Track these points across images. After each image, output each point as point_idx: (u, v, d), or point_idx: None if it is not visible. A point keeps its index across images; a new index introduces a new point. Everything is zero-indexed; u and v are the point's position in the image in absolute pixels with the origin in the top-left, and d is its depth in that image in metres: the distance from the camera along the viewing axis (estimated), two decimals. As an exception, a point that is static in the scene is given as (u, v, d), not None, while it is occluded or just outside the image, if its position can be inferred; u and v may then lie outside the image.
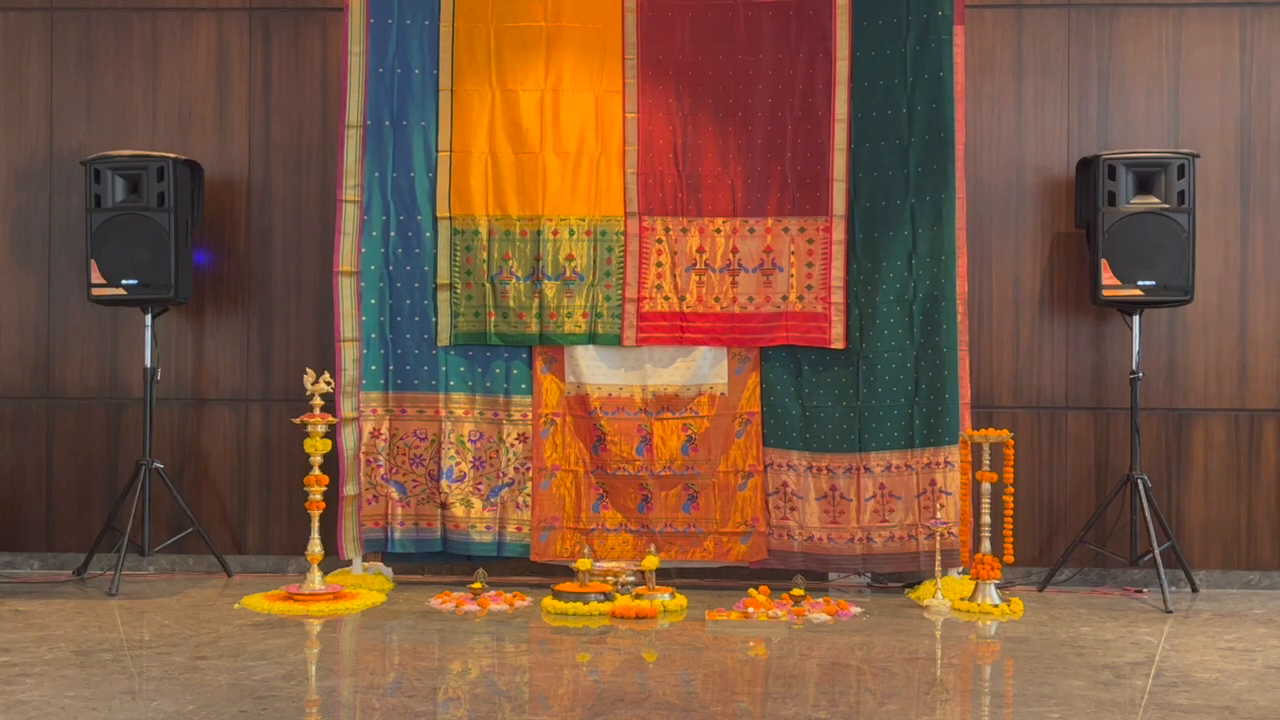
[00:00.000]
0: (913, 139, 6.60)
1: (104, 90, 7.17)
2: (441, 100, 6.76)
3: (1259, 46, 6.92)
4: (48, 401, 7.15)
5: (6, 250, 7.18)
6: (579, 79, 6.73)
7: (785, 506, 6.68)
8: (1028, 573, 6.78)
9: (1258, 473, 6.85)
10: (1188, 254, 6.44)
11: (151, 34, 7.17)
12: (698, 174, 6.74)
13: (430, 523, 6.73)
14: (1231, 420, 6.86)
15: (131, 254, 6.64)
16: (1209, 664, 5.15)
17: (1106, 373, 6.87)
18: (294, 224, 7.09)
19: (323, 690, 4.88)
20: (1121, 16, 6.95)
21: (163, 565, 7.05)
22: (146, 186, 6.66)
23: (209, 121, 7.13)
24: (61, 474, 7.14)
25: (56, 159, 7.16)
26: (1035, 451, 6.89)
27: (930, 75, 6.58)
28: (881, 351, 6.62)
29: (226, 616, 5.90)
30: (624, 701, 4.58)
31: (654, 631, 5.79)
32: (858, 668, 5.15)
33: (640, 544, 6.63)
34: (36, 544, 7.12)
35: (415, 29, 6.76)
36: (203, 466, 7.10)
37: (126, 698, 4.52)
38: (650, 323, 6.73)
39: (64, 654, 5.15)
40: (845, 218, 6.66)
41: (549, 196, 6.73)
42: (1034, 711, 4.42)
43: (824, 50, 6.71)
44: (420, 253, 6.75)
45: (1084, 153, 6.77)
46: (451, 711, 4.54)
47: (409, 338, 6.74)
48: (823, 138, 6.68)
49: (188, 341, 7.11)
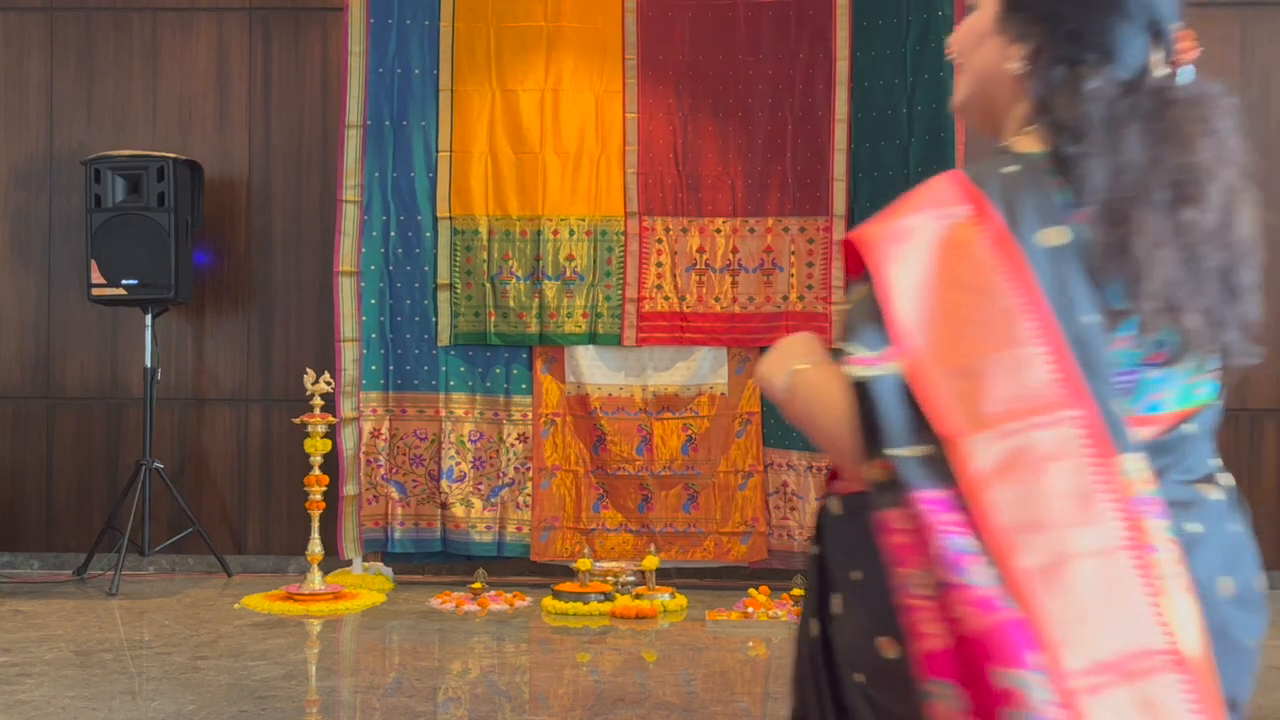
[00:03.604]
0: (913, 139, 6.60)
1: (104, 90, 7.17)
2: (441, 100, 6.76)
3: (1259, 46, 6.92)
4: (48, 401, 7.15)
5: (6, 250, 7.18)
6: (579, 79, 6.73)
7: (785, 506, 6.68)
8: (1028, 573, 6.77)
9: (1258, 473, 6.85)
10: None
11: (151, 34, 7.17)
12: (698, 174, 6.74)
13: (430, 523, 6.73)
14: (1232, 420, 6.86)
15: (131, 254, 6.64)
16: (1209, 664, 5.14)
17: (1107, 373, 6.87)
18: (294, 224, 7.09)
19: (323, 690, 4.88)
20: (1122, 16, 6.95)
21: (163, 565, 7.05)
22: (146, 186, 6.66)
23: (209, 121, 7.13)
24: (61, 474, 7.14)
25: (56, 159, 7.16)
26: (1035, 451, 6.88)
27: (930, 75, 6.58)
28: (882, 351, 6.61)
29: (226, 616, 5.90)
30: (624, 701, 4.58)
31: (654, 631, 5.80)
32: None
33: (640, 544, 6.63)
34: (36, 544, 7.12)
35: (415, 29, 6.76)
36: (203, 466, 7.10)
37: (126, 698, 4.52)
38: (650, 323, 6.73)
39: (64, 654, 5.15)
40: (845, 217, 6.66)
41: (549, 196, 6.73)
42: (1034, 711, 4.42)
43: (824, 50, 6.71)
44: (420, 253, 6.75)
45: (1084, 153, 6.76)
46: (451, 711, 4.54)
47: (409, 338, 6.74)
48: (823, 138, 6.68)
49: (188, 341, 7.11)
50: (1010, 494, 1.34)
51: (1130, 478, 1.37)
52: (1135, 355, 1.48)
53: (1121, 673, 1.31)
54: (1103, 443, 1.36)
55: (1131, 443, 1.39)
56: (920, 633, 1.36)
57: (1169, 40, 1.53)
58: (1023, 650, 1.30)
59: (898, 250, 1.42)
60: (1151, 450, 1.46)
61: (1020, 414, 1.36)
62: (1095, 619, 1.32)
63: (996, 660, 1.30)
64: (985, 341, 1.38)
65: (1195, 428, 1.53)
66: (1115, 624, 1.32)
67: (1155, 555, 1.35)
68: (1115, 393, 1.40)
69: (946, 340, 1.39)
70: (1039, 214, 1.44)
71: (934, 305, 1.40)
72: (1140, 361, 1.48)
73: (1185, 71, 1.55)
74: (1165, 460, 1.49)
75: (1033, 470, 1.34)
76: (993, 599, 1.31)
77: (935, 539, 1.34)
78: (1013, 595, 1.31)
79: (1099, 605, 1.32)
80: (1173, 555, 1.37)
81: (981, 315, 1.39)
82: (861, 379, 1.40)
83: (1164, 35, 1.53)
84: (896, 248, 1.42)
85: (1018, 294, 1.39)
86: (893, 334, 1.40)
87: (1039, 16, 1.54)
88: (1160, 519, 1.38)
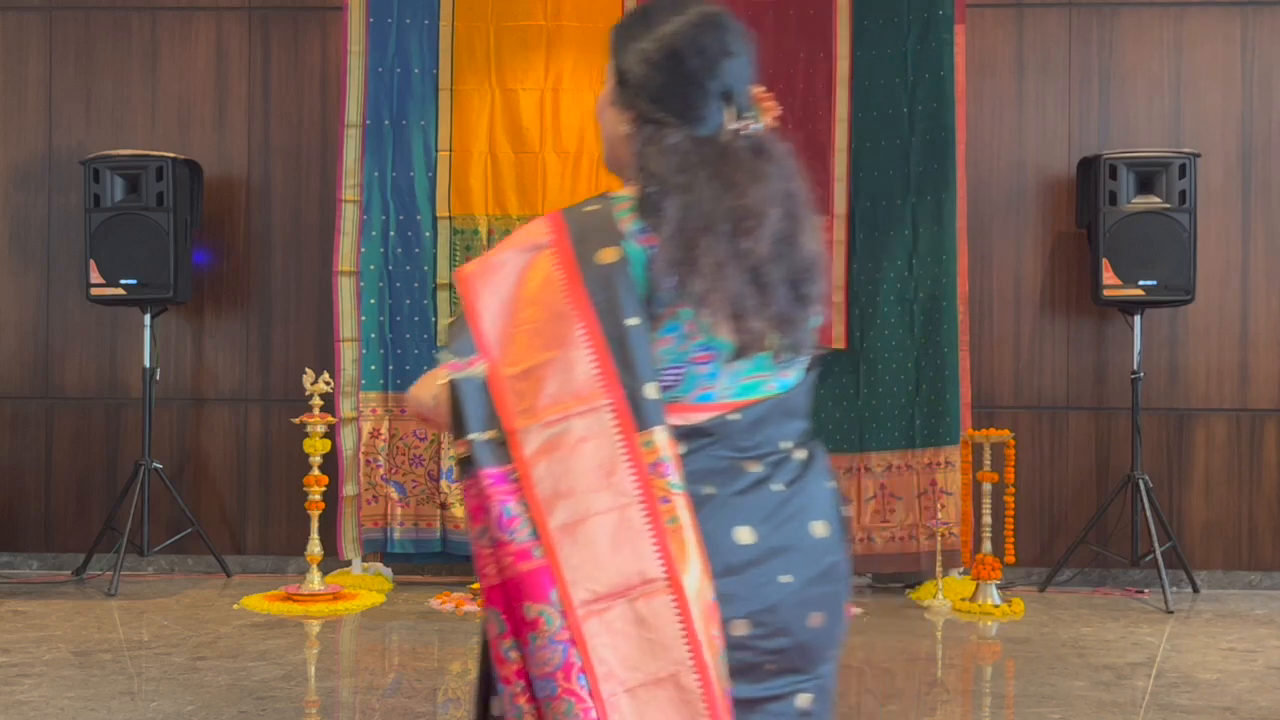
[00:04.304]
0: (913, 139, 6.59)
1: (103, 90, 7.16)
2: (441, 100, 6.75)
3: (1260, 46, 6.91)
4: (47, 401, 7.14)
5: (6, 250, 7.17)
6: (579, 78, 6.72)
7: (786, 507, 6.66)
8: (1029, 573, 6.77)
9: (1259, 473, 6.84)
10: (1189, 254, 6.43)
11: (151, 34, 7.16)
12: (698, 174, 6.72)
13: (430, 523, 6.72)
14: (1233, 420, 6.85)
15: (131, 254, 6.62)
16: (1210, 665, 5.14)
17: (1108, 373, 6.86)
18: (294, 224, 7.08)
19: (322, 691, 4.87)
20: (1123, 16, 6.94)
21: (162, 565, 7.03)
22: (146, 186, 6.65)
23: (208, 121, 7.12)
24: (61, 474, 7.13)
25: (56, 158, 7.15)
26: (1036, 451, 6.88)
27: (931, 75, 6.57)
28: (882, 351, 6.61)
29: (226, 617, 5.89)
30: (624, 702, 4.56)
31: (654, 632, 5.78)
32: (858, 668, 5.14)
33: (640, 544, 6.61)
34: (36, 544, 7.11)
35: (415, 28, 6.75)
36: (202, 466, 7.09)
37: (125, 698, 4.52)
38: (650, 323, 6.71)
39: (63, 654, 5.14)
40: (846, 217, 6.65)
41: (549, 196, 6.71)
42: (1035, 712, 4.41)
43: (824, 50, 6.70)
44: (420, 252, 6.74)
45: (1085, 152, 6.75)
46: (451, 712, 4.52)
47: (409, 338, 6.73)
48: (823, 138, 6.67)
49: (187, 341, 7.10)
50: (548, 470, 1.76)
51: (652, 448, 1.77)
52: (681, 355, 1.85)
53: (622, 596, 1.73)
54: (628, 422, 1.77)
55: (656, 420, 1.78)
56: (483, 573, 1.80)
57: (742, 103, 1.95)
58: (547, 589, 1.74)
59: (488, 280, 1.84)
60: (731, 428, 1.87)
61: (563, 405, 1.77)
62: (603, 560, 1.73)
63: (527, 597, 1.75)
64: (544, 348, 1.79)
65: (766, 411, 1.92)
66: (620, 562, 1.74)
67: (664, 506, 1.76)
68: (648, 381, 1.79)
69: (515, 349, 1.80)
70: (601, 239, 1.82)
71: (510, 321, 1.82)
72: (687, 360, 1.86)
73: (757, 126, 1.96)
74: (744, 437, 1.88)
75: (567, 450, 1.76)
76: (528, 550, 1.75)
77: (493, 504, 1.76)
78: (543, 548, 1.74)
79: (608, 550, 1.74)
80: (683, 505, 1.77)
81: (543, 326, 1.79)
82: (452, 380, 1.85)
83: (736, 100, 1.94)
84: (487, 279, 1.85)
85: (573, 305, 1.78)
86: (479, 346, 1.83)
87: (637, 90, 1.94)
88: (672, 478, 1.77)
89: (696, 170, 1.87)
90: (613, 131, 1.98)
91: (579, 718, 1.71)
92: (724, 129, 1.93)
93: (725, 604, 1.80)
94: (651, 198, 1.85)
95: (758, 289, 1.86)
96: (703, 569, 1.75)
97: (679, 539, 1.75)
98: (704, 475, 1.85)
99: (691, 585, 1.74)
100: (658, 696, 1.73)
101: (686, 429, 1.85)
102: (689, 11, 1.97)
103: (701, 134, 1.91)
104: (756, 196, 1.88)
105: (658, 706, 1.73)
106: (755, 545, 1.85)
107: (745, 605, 1.83)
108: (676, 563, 1.74)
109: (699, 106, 1.92)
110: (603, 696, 1.72)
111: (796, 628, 1.88)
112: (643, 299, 1.81)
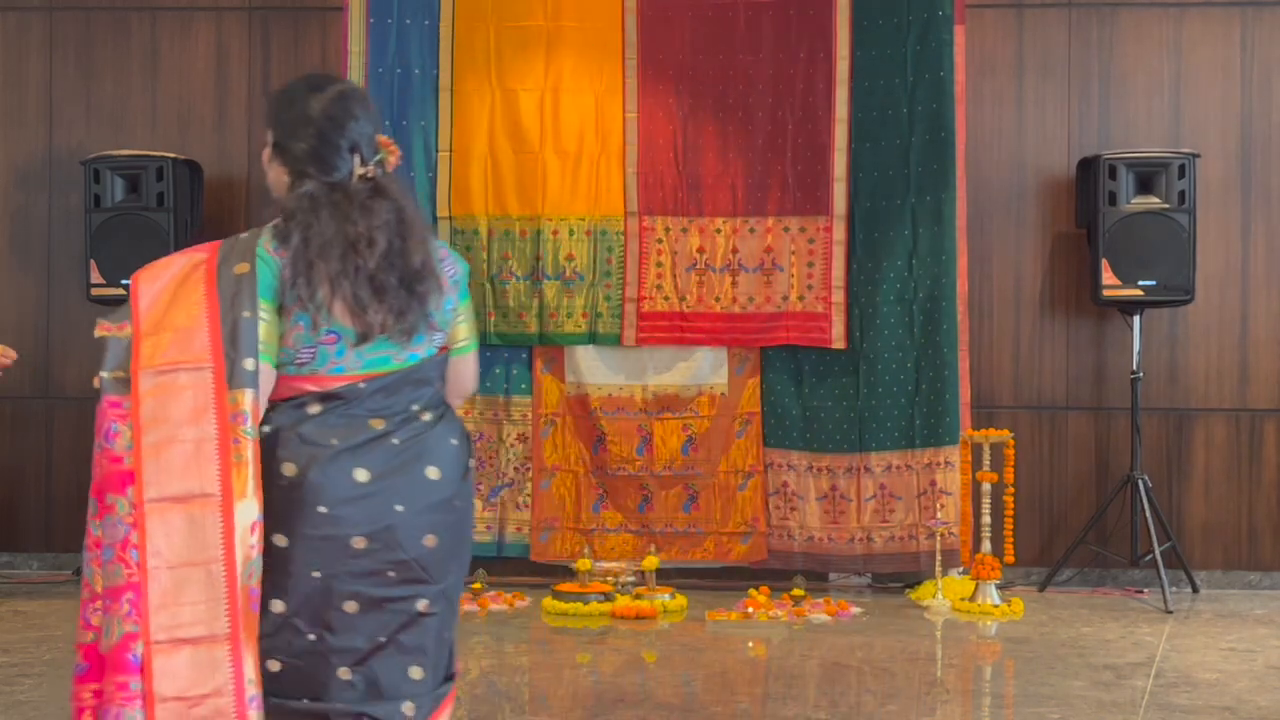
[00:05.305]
0: (913, 139, 6.60)
1: (103, 90, 7.17)
2: (441, 100, 6.75)
3: (1259, 46, 6.91)
4: (47, 401, 7.15)
5: (6, 250, 7.17)
6: (579, 79, 6.72)
7: (785, 506, 6.67)
8: (1028, 573, 6.77)
9: (1258, 473, 6.84)
10: (1189, 254, 6.44)
11: (151, 34, 7.16)
12: (698, 174, 6.73)
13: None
14: (1232, 420, 6.85)
15: (131, 254, 6.61)
16: (1210, 664, 5.14)
17: (1107, 373, 6.86)
18: (294, 224, 7.07)
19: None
20: (1122, 16, 6.95)
21: (162, 565, 7.03)
22: (146, 186, 6.66)
23: (208, 121, 7.13)
24: (61, 474, 7.13)
25: (56, 159, 7.15)
26: (1036, 451, 6.88)
27: (930, 75, 6.58)
28: (882, 351, 6.61)
29: (226, 617, 5.88)
30: (624, 702, 4.57)
31: (654, 632, 5.79)
32: (858, 668, 5.14)
33: (640, 544, 6.62)
34: (36, 544, 7.11)
35: (415, 29, 6.76)
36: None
37: (125, 698, 4.51)
38: (650, 323, 6.72)
39: (63, 654, 5.14)
40: (846, 217, 6.66)
41: (549, 196, 6.72)
42: (1034, 712, 4.42)
43: (824, 50, 6.70)
44: (420, 253, 6.73)
45: (1084, 152, 6.76)
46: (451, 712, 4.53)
47: (409, 338, 6.73)
48: (823, 138, 6.67)
49: (187, 341, 7.09)
50: (154, 404, 2.41)
51: (236, 403, 2.38)
52: (312, 338, 2.45)
53: (182, 503, 2.37)
54: (222, 382, 2.39)
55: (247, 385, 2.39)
56: (94, 471, 2.45)
57: (367, 153, 2.56)
58: (125, 486, 2.39)
59: (152, 275, 2.50)
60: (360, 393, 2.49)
61: (176, 363, 2.42)
62: (175, 474, 2.37)
63: (111, 489, 2.41)
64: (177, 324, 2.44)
65: (394, 381, 2.53)
66: (187, 479, 2.37)
67: (234, 445, 2.37)
68: (247, 356, 2.40)
69: (154, 320, 2.46)
70: (239, 256, 2.47)
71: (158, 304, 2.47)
72: (317, 341, 2.46)
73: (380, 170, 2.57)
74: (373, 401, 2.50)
75: (172, 393, 2.41)
76: (121, 457, 2.42)
77: (105, 421, 2.47)
78: (133, 458, 2.40)
79: (180, 467, 2.37)
80: (250, 447, 2.37)
81: (180, 308, 2.45)
82: (100, 337, 2.54)
83: (361, 151, 2.55)
84: (152, 273, 2.50)
85: (205, 298, 2.45)
86: (133, 317, 2.47)
87: (285, 153, 2.57)
88: (247, 426, 2.38)
89: (321, 209, 2.48)
90: (276, 181, 2.60)
91: (124, 579, 2.36)
92: (353, 175, 2.54)
93: (346, 525, 2.44)
94: (283, 228, 2.48)
95: (374, 290, 2.47)
96: (255, 495, 2.38)
97: (242, 472, 2.37)
98: (332, 429, 2.47)
99: (241, 506, 2.36)
100: (192, 576, 2.36)
101: (323, 394, 2.48)
102: (328, 90, 2.58)
103: (333, 180, 2.53)
104: (365, 225, 2.49)
105: (192, 583, 2.35)
106: (369, 484, 2.45)
107: (364, 527, 2.45)
108: (233, 486, 2.36)
109: (332, 160, 2.53)
110: (147, 567, 2.36)
111: (410, 545, 2.48)
112: (275, 298, 2.44)
